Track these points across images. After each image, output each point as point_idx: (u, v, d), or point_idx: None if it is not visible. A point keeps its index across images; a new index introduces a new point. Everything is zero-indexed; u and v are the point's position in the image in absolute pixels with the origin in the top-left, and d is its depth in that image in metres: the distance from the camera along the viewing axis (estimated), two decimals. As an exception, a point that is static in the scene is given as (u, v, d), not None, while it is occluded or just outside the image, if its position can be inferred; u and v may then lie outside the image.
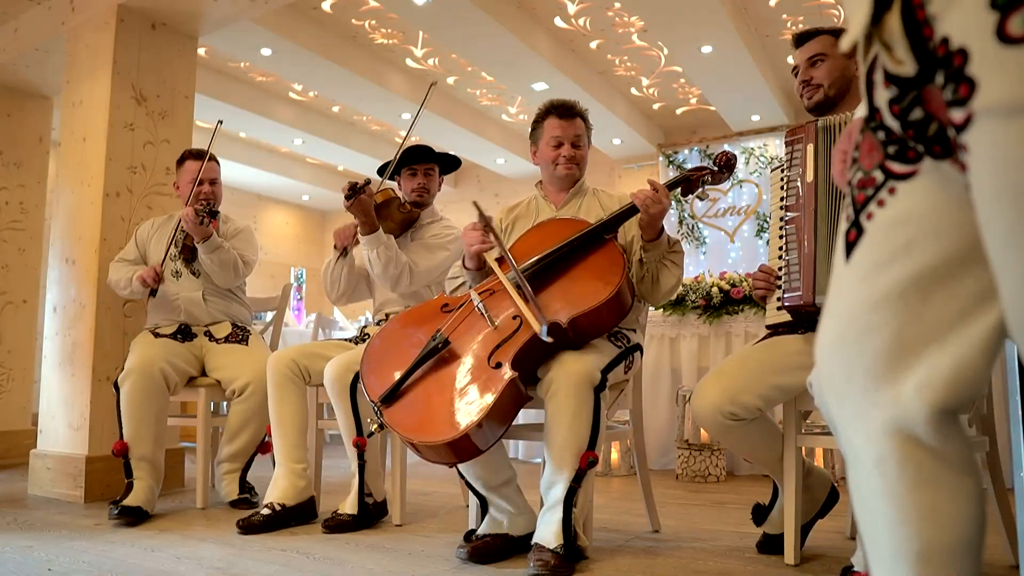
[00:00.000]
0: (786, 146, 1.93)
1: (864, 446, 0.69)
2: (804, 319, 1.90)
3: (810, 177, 1.85)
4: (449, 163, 2.95)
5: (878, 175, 0.67)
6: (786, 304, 1.87)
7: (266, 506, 2.47)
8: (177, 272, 3.02)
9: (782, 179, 1.94)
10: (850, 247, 0.68)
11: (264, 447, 2.99)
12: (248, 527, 2.40)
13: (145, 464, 2.67)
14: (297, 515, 2.51)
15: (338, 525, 2.42)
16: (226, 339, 3.02)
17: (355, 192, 2.51)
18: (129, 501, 2.58)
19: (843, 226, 0.70)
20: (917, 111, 0.63)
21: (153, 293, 2.91)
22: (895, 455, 0.67)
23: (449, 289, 2.37)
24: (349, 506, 2.47)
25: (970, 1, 0.53)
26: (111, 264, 3.11)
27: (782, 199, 1.93)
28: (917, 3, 0.58)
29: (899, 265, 0.65)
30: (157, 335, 2.94)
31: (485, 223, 2.09)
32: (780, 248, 1.91)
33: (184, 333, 2.99)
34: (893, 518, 0.67)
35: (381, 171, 2.85)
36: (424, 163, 2.85)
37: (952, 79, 0.55)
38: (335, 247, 2.83)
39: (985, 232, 0.56)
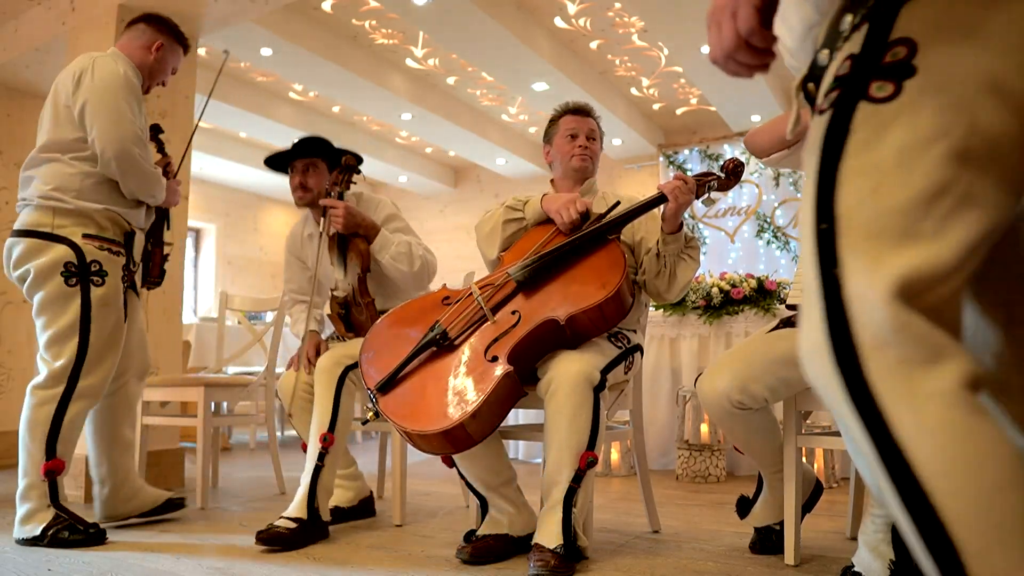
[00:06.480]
0: None
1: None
2: None
3: None
4: (328, 151, 2.68)
5: None
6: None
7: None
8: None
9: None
10: None
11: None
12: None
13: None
14: (356, 515, 2.65)
15: (273, 537, 2.14)
16: None
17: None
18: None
19: None
20: None
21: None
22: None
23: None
24: (295, 509, 2.23)
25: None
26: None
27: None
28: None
29: None
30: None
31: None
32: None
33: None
34: None
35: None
36: (301, 159, 2.67)
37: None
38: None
39: None
